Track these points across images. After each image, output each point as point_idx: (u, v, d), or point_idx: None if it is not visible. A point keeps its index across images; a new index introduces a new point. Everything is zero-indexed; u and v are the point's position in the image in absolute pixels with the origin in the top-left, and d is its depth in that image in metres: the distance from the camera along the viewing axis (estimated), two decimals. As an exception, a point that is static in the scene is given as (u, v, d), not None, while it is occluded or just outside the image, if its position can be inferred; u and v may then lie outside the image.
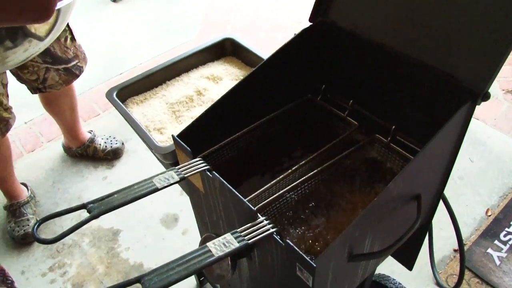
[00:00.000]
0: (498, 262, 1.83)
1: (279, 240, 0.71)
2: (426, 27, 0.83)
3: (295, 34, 1.00)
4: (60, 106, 2.01)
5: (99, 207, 0.75)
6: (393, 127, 0.94)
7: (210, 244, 0.69)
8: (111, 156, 2.24)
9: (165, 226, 1.99)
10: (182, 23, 3.22)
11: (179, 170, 0.84)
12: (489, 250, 1.86)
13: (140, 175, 2.27)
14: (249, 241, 0.70)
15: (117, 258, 1.87)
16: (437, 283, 1.74)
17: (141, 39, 3.03)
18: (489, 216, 1.99)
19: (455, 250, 1.87)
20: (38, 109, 2.15)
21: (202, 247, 0.68)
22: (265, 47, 1.29)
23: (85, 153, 2.23)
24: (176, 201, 2.08)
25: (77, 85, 1.98)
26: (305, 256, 0.65)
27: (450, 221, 1.16)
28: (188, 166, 0.85)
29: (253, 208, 0.74)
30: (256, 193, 0.89)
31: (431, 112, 0.87)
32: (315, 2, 0.98)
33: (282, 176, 0.92)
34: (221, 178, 0.81)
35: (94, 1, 3.45)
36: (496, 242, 1.89)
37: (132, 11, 3.37)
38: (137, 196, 0.78)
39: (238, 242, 0.70)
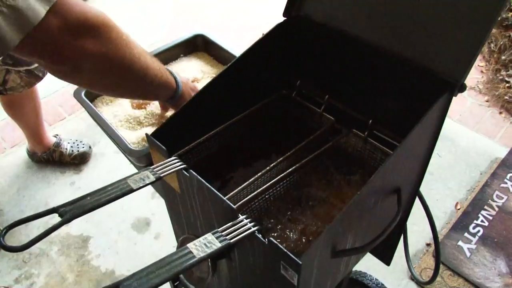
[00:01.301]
0: (468, 254, 1.87)
1: (262, 239, 0.69)
2: (402, 19, 0.83)
3: (263, 33, 0.99)
4: (23, 110, 1.94)
5: (72, 211, 0.71)
6: (370, 121, 0.94)
7: (191, 245, 0.66)
8: (79, 160, 2.17)
9: (137, 231, 1.94)
10: (150, 23, 3.16)
11: (154, 170, 0.80)
12: (460, 243, 1.91)
13: (110, 178, 2.20)
14: (231, 241, 0.68)
15: (88, 266, 1.81)
16: (413, 277, 1.76)
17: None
18: (459, 209, 2.04)
19: (427, 244, 1.90)
20: (0, 114, 2.06)
21: (182, 249, 0.65)
22: (234, 46, 1.28)
23: (51, 158, 2.16)
24: (147, 205, 2.03)
25: (41, 87, 1.90)
26: (290, 254, 0.63)
27: (422, 216, 1.17)
28: (164, 166, 0.82)
29: (233, 206, 0.72)
30: (234, 191, 0.87)
31: (408, 105, 0.87)
32: (289, -4, 0.97)
33: (260, 173, 0.90)
34: (198, 177, 0.78)
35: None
36: (466, 234, 1.93)
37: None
38: (112, 198, 0.74)
39: (220, 242, 0.67)
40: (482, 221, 1.99)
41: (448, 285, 1.78)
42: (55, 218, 0.72)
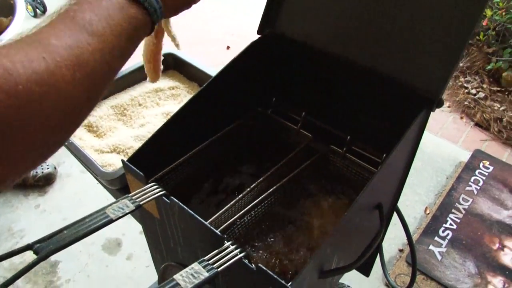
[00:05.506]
0: (439, 257, 1.91)
1: (250, 265, 0.68)
2: (378, 36, 0.84)
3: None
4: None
5: (48, 247, 0.67)
6: (348, 137, 0.94)
7: (177, 277, 0.64)
8: (43, 182, 2.09)
9: (108, 252, 1.88)
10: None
11: (133, 197, 0.78)
12: (431, 247, 1.95)
13: (77, 199, 2.13)
14: (219, 269, 0.66)
15: (58, 292, 1.74)
16: (389, 284, 1.78)
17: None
18: (428, 214, 2.08)
19: (400, 250, 1.93)
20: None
21: (169, 281, 0.63)
22: (201, 61, 1.26)
23: (12, 181, 2.06)
24: (118, 225, 1.96)
25: None
26: (281, 280, 0.62)
27: (394, 223, 1.18)
28: (143, 193, 0.79)
29: (219, 234, 0.70)
30: (215, 215, 0.85)
31: (387, 121, 0.88)
32: (263, 14, 0.96)
33: (241, 195, 0.89)
34: (180, 203, 0.76)
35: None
36: (436, 238, 1.98)
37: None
38: (90, 230, 0.71)
39: (208, 271, 0.65)
40: (450, 224, 2.04)
41: (422, 290, 1.81)
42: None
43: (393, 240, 1.93)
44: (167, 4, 0.55)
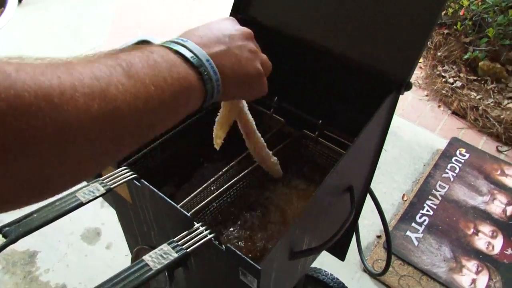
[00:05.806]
0: (416, 243, 1.95)
1: (219, 246, 0.68)
2: (348, 22, 0.85)
3: None
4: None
5: (17, 230, 0.67)
6: (320, 121, 0.95)
7: (146, 257, 0.64)
8: (21, 172, 2.06)
9: (87, 242, 1.87)
10: (92, 27, 3.06)
11: (104, 181, 0.78)
12: (408, 233, 1.98)
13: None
14: (188, 250, 0.67)
15: (36, 283, 1.72)
16: (366, 270, 1.81)
17: (48, 46, 2.83)
18: (405, 201, 2.12)
19: (378, 236, 1.96)
20: None
21: (138, 262, 0.63)
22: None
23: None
24: (97, 215, 1.97)
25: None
26: (249, 260, 0.63)
27: (371, 209, 1.21)
28: (114, 176, 0.79)
29: (188, 214, 0.71)
30: (187, 198, 0.86)
31: (357, 105, 0.89)
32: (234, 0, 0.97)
33: (213, 179, 0.90)
34: (150, 186, 0.76)
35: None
36: (413, 224, 2.01)
37: (38, 16, 3.14)
38: (60, 214, 0.71)
39: (176, 252, 0.66)
40: (427, 210, 2.08)
41: (398, 274, 1.84)
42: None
43: (371, 226, 1.96)
44: (227, 83, 0.53)
